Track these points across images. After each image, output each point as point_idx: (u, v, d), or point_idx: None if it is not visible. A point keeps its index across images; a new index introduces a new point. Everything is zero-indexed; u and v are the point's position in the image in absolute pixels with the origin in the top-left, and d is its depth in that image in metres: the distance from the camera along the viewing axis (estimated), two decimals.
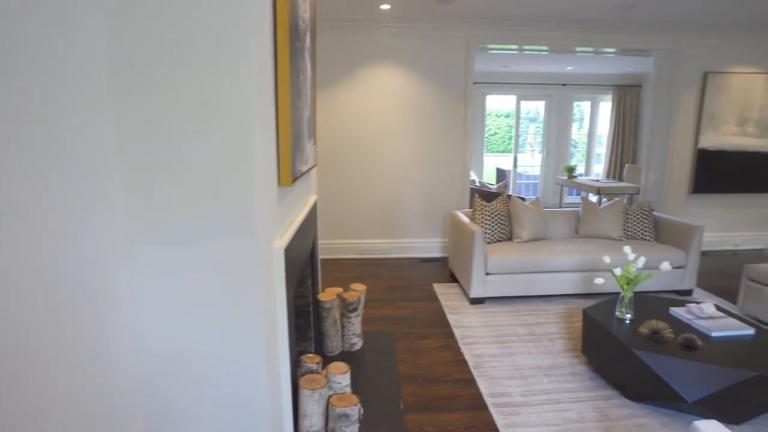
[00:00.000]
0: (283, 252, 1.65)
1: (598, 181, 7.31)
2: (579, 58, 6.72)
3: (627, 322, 2.66)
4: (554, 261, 3.80)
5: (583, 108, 9.16)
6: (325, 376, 2.07)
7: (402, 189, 5.14)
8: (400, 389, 2.55)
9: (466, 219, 4.10)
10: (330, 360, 2.66)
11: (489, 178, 9.21)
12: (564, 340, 3.17)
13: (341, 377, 2.12)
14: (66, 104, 1.12)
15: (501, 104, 11.75)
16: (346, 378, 2.14)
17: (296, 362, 2.11)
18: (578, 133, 9.21)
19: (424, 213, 5.21)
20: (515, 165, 8.85)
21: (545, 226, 4.24)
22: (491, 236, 4.04)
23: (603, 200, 6.89)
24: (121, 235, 1.37)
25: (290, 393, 1.78)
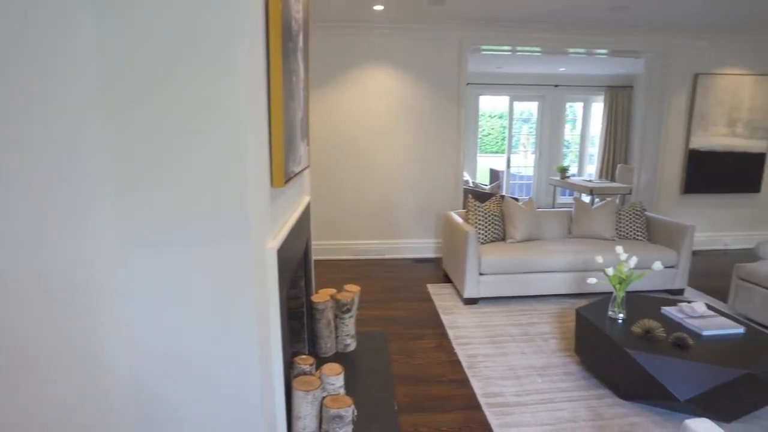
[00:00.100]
0: (276, 253, 1.64)
1: (591, 182, 7.36)
2: (571, 60, 6.77)
3: (619, 322, 2.67)
4: (547, 261, 3.82)
5: (576, 109, 9.22)
6: (319, 378, 2.06)
7: (395, 190, 5.14)
8: (394, 390, 2.55)
9: (460, 219, 4.11)
10: (324, 361, 2.65)
11: (482, 179, 9.24)
12: (557, 340, 3.19)
13: (335, 378, 2.11)
14: (58, 106, 1.11)
15: (494, 105, 11.80)
16: (340, 379, 2.13)
17: (290, 364, 2.10)
18: (571, 134, 9.27)
19: (418, 214, 5.22)
20: (508, 165, 8.89)
21: (538, 227, 4.25)
22: (484, 237, 4.05)
23: (596, 200, 6.94)
24: (113, 237, 1.36)
25: (283, 394, 1.78)
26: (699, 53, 5.21)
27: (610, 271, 2.75)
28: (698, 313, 2.66)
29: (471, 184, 6.99)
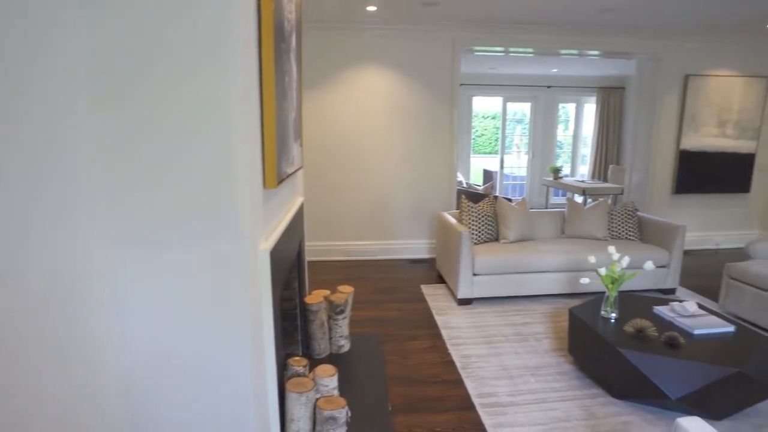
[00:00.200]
0: (269, 254, 1.64)
1: (584, 182, 7.40)
2: (564, 61, 6.80)
3: (612, 321, 2.69)
4: (540, 261, 3.83)
5: (569, 110, 9.27)
6: (312, 379, 2.05)
7: (389, 190, 5.14)
8: (388, 391, 2.55)
9: (453, 220, 4.12)
10: (317, 363, 2.64)
11: (476, 179, 9.26)
12: (551, 340, 3.20)
13: (328, 380, 2.11)
14: (51, 108, 1.10)
15: (487, 106, 11.83)
16: (334, 381, 2.13)
17: (283, 365, 2.09)
18: (564, 135, 9.32)
19: (412, 214, 5.22)
20: (502, 166, 8.92)
21: (531, 227, 4.27)
22: (478, 237, 4.06)
23: (588, 201, 6.98)
24: (105, 239, 1.35)
25: (277, 397, 1.77)
26: (689, 55, 5.26)
27: (603, 271, 2.77)
28: (689, 313, 2.68)
29: (464, 185, 7.00)
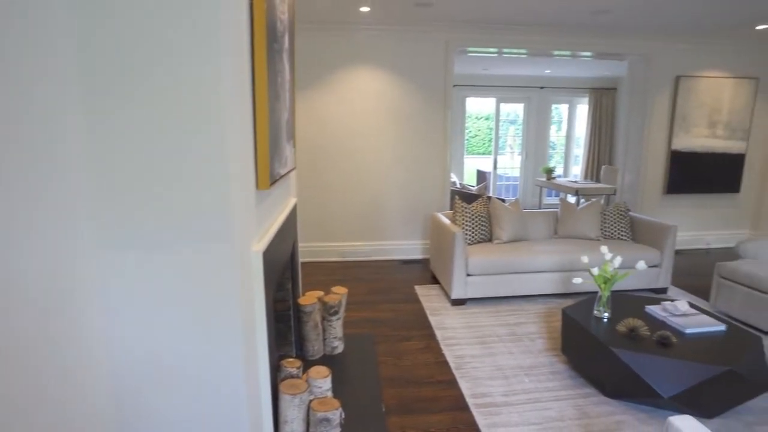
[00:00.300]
0: (262, 255, 1.63)
1: (576, 182, 7.44)
2: (557, 62, 6.84)
3: (605, 321, 2.70)
4: (534, 261, 3.85)
5: (561, 110, 9.32)
6: (306, 381, 2.05)
7: (383, 191, 5.13)
8: (382, 392, 2.55)
9: (447, 221, 4.12)
10: (311, 364, 2.63)
11: (469, 180, 9.29)
12: (544, 340, 3.21)
13: (322, 381, 2.10)
14: (42, 110, 1.08)
15: (481, 107, 11.87)
16: (327, 382, 2.12)
17: (276, 367, 2.08)
18: (556, 135, 9.36)
19: (405, 215, 5.22)
20: (495, 167, 8.95)
21: (525, 227, 4.29)
22: (472, 237, 4.07)
23: (581, 201, 7.02)
24: (97, 241, 1.34)
25: (270, 398, 1.76)
26: (680, 56, 5.30)
27: (596, 271, 2.78)
28: (681, 312, 2.70)
29: (458, 186, 7.02)
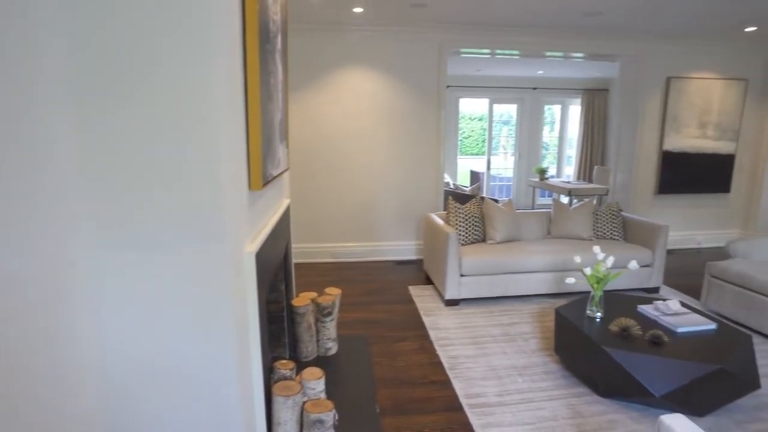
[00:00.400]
0: (254, 257, 1.62)
1: (569, 183, 7.48)
2: (549, 63, 6.87)
3: (597, 321, 2.72)
4: (527, 261, 3.86)
5: (554, 111, 9.36)
6: (299, 382, 2.04)
7: (376, 192, 5.13)
8: (376, 393, 2.54)
9: (441, 221, 4.13)
10: (305, 365, 2.62)
11: (463, 181, 9.31)
12: (538, 340, 3.22)
13: (315, 383, 2.10)
14: (34, 109, 1.07)
15: (474, 107, 11.91)
16: (321, 383, 2.12)
17: (270, 369, 2.07)
18: (549, 136, 9.41)
19: (399, 216, 5.22)
20: (488, 167, 8.97)
21: (518, 228, 4.30)
22: (465, 238, 4.08)
23: (574, 201, 7.05)
24: (90, 242, 1.32)
25: (263, 400, 1.75)
26: (671, 57, 5.35)
27: (588, 271, 2.80)
28: (673, 311, 2.73)
29: (452, 186, 7.03)
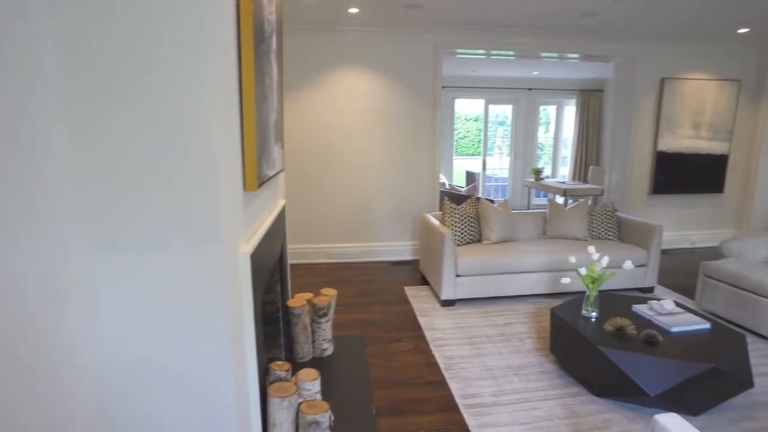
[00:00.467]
0: (250, 257, 1.62)
1: (565, 183, 7.50)
2: (544, 64, 6.89)
3: (592, 321, 2.73)
4: (522, 262, 3.87)
5: (549, 112, 9.40)
6: (295, 384, 2.03)
7: (372, 192, 5.13)
8: (372, 394, 2.54)
9: (436, 222, 4.13)
10: (301, 366, 2.62)
11: (459, 181, 9.32)
12: (533, 340, 3.23)
13: (311, 384, 2.09)
14: (28, 109, 1.06)
15: (470, 108, 11.94)
16: (316, 384, 2.11)
17: (265, 370, 2.07)
18: (545, 137, 9.44)
19: (395, 216, 5.22)
20: (484, 168, 8.99)
21: (513, 228, 4.31)
22: (461, 238, 4.08)
23: (569, 202, 7.08)
24: (79, 243, 1.31)
25: (258, 402, 1.75)
26: (665, 58, 5.38)
27: (583, 271, 2.81)
28: (667, 311, 2.74)
29: (447, 187, 7.04)
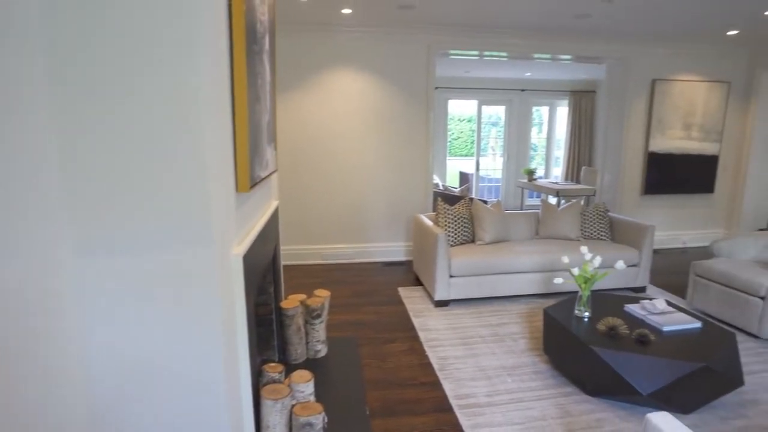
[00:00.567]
0: (242, 259, 1.61)
1: (557, 184, 7.54)
2: (537, 65, 6.93)
3: (585, 320, 2.74)
4: (515, 262, 3.88)
5: (542, 112, 9.45)
6: (288, 385, 2.02)
7: (365, 193, 5.13)
8: (366, 395, 2.54)
9: (430, 222, 4.14)
10: (294, 368, 2.61)
11: (452, 182, 9.34)
12: (526, 340, 3.24)
13: (304, 386, 2.08)
14: (11, 112, 1.05)
15: (463, 109, 11.96)
16: (310, 386, 2.10)
17: (258, 372, 2.06)
18: (537, 137, 9.49)
19: (388, 217, 5.22)
20: (477, 168, 9.02)
21: (507, 228, 4.33)
22: (454, 239, 4.09)
23: (562, 202, 7.11)
24: (71, 246, 1.30)
25: (251, 404, 1.74)
26: (656, 60, 5.43)
27: (576, 271, 2.82)
28: (659, 310, 2.76)
29: (441, 187, 7.05)
